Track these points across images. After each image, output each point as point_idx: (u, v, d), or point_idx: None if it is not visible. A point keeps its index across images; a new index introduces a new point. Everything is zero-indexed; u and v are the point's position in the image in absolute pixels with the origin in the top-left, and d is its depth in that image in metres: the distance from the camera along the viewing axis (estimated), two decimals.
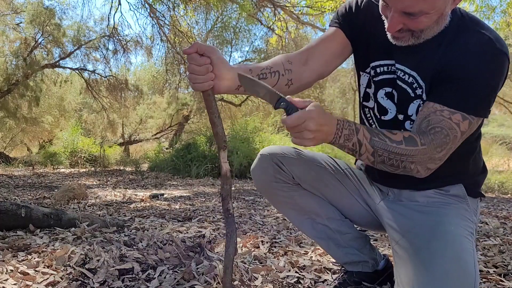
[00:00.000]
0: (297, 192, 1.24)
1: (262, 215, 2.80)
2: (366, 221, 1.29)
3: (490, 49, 0.96)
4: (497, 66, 0.96)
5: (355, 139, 0.93)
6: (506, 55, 0.97)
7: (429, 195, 1.11)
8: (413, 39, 0.99)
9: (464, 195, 1.10)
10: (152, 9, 8.09)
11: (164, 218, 2.54)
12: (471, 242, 0.97)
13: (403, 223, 1.08)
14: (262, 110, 13.06)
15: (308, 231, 1.32)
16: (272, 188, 1.25)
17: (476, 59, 0.96)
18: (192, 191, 4.50)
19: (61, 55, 10.36)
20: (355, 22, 1.14)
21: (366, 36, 1.13)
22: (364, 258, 1.31)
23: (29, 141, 14.07)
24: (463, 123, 0.96)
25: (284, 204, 1.29)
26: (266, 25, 8.68)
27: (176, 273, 1.41)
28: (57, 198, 3.25)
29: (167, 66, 10.70)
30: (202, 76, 0.88)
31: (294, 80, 1.07)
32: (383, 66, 1.11)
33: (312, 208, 1.26)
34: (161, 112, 14.93)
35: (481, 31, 0.99)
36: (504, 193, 5.60)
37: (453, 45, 1.00)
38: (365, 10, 1.13)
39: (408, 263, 0.96)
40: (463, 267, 0.89)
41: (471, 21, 1.02)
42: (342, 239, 1.28)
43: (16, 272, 1.34)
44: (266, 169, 1.23)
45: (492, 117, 23.46)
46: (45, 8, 9.39)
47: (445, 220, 1.01)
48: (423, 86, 1.04)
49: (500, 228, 2.46)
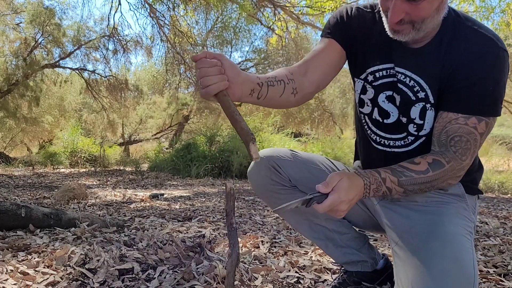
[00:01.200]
0: (294, 195, 1.23)
1: (262, 215, 2.80)
2: (364, 222, 1.29)
3: (492, 49, 0.97)
4: (501, 64, 0.97)
5: (383, 188, 0.97)
6: (506, 52, 0.98)
7: (427, 194, 1.10)
8: (414, 32, 0.98)
9: (463, 194, 1.10)
10: (152, 9, 8.09)
11: (164, 218, 2.54)
12: (470, 241, 0.97)
13: (402, 223, 1.08)
14: (262, 110, 13.07)
15: (306, 232, 1.32)
16: (269, 190, 1.25)
17: (480, 61, 0.97)
18: (192, 191, 4.50)
19: (61, 55, 10.36)
20: (348, 31, 1.14)
21: (360, 43, 1.13)
22: (363, 257, 1.31)
23: (29, 141, 14.07)
24: (480, 125, 0.98)
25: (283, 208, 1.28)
26: (266, 25, 8.68)
27: (176, 273, 1.41)
28: (57, 198, 3.25)
29: (167, 66, 10.70)
30: (216, 75, 0.84)
31: (298, 89, 1.06)
32: (382, 71, 1.11)
33: (309, 210, 1.25)
34: (161, 112, 14.93)
35: (479, 30, 1.00)
36: (504, 193, 5.60)
37: (454, 44, 1.01)
38: (356, 18, 1.14)
39: (407, 263, 0.96)
40: (462, 266, 0.89)
41: (466, 20, 1.03)
42: (340, 239, 1.28)
43: (16, 272, 1.34)
44: (263, 172, 1.23)
45: None
46: (45, 8, 9.39)
47: (444, 220, 1.01)
48: (427, 89, 1.04)
49: (500, 228, 2.46)
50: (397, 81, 1.08)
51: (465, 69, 0.98)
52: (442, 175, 0.98)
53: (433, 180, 0.98)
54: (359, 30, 1.13)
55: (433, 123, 1.06)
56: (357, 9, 1.15)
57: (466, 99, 0.98)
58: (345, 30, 1.14)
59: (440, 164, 0.98)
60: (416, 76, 1.05)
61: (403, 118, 1.10)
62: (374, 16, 1.14)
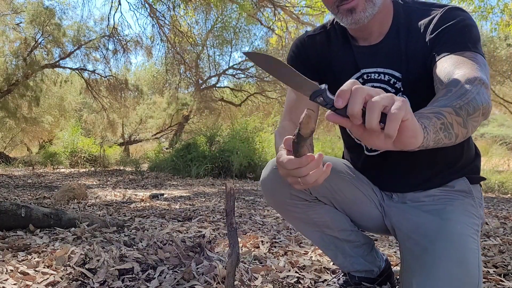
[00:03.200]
0: (312, 209, 1.17)
1: (262, 215, 2.80)
2: (378, 225, 1.23)
3: (451, 7, 0.99)
4: (465, 13, 0.98)
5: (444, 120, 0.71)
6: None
7: (433, 193, 1.09)
8: (367, 4, 0.97)
9: (469, 190, 1.09)
10: (152, 9, 8.10)
11: (164, 218, 2.54)
12: (476, 242, 0.97)
13: (410, 223, 1.06)
14: (262, 110, 13.07)
15: (316, 241, 1.28)
16: (286, 204, 1.17)
17: (446, 16, 0.97)
18: (192, 191, 4.50)
19: (61, 55, 10.37)
20: (308, 62, 1.15)
21: (325, 66, 1.14)
22: (370, 267, 1.29)
23: (29, 141, 14.08)
24: (477, 57, 0.90)
25: (297, 220, 1.23)
26: (266, 25, 8.68)
27: (176, 273, 1.41)
28: (57, 198, 3.25)
29: (167, 66, 10.72)
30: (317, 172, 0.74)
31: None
32: (358, 79, 1.12)
33: (324, 222, 1.21)
34: (161, 112, 14.94)
35: (433, 9, 1.01)
36: (504, 193, 5.60)
37: (411, 29, 1.02)
38: (311, 46, 1.16)
39: (413, 264, 0.96)
40: (467, 269, 0.89)
41: (418, 4, 1.05)
42: (349, 248, 1.26)
43: (16, 272, 1.34)
44: (280, 184, 1.12)
45: (492, 117, 23.46)
46: (45, 8, 9.40)
47: (451, 218, 1.00)
48: (400, 76, 1.04)
49: (500, 228, 2.46)
50: (373, 81, 1.08)
51: (436, 28, 0.98)
52: (472, 88, 0.79)
53: (468, 94, 0.77)
54: (318, 56, 1.14)
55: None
56: (308, 37, 1.17)
57: (450, 41, 0.94)
58: (305, 63, 1.15)
59: (458, 81, 0.82)
60: (387, 70, 1.05)
61: None
62: (328, 34, 1.15)
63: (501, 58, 11.89)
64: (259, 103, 14.24)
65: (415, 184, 1.11)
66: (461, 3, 6.86)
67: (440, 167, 1.10)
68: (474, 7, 6.89)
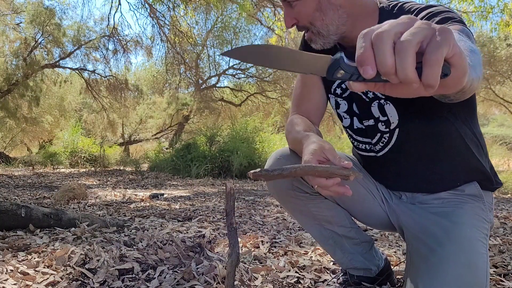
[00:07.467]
0: (313, 203, 1.19)
1: (262, 215, 2.80)
2: (382, 222, 1.24)
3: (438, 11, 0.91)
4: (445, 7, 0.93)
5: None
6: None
7: (443, 196, 1.08)
8: (317, 37, 1.00)
9: (480, 194, 1.07)
10: (152, 9, 8.10)
11: (164, 218, 2.54)
12: (485, 246, 0.96)
13: (419, 223, 1.06)
14: (262, 110, 13.08)
15: (315, 235, 1.29)
16: (288, 195, 1.19)
17: (428, 11, 0.92)
18: (192, 191, 4.50)
19: (61, 55, 10.37)
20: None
21: None
22: (368, 265, 1.29)
23: (29, 141, 14.08)
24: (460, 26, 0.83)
25: (297, 211, 1.25)
26: (266, 25, 8.68)
27: (176, 273, 1.41)
28: (57, 198, 3.25)
29: (167, 66, 10.72)
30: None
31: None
32: (340, 86, 1.15)
33: (324, 217, 1.22)
34: (161, 112, 14.94)
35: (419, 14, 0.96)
36: (504, 193, 5.60)
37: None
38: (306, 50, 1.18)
39: (420, 265, 0.95)
40: (475, 273, 0.89)
41: (405, 12, 0.99)
42: (348, 244, 1.26)
43: (16, 272, 1.34)
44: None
45: (492, 117, 23.46)
46: (45, 8, 9.40)
47: (461, 221, 0.99)
48: None
49: (500, 228, 2.46)
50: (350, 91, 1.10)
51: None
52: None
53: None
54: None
55: (396, 114, 1.04)
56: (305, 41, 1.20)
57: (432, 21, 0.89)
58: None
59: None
60: None
61: (370, 121, 1.10)
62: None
63: (501, 58, 11.89)
64: (259, 103, 14.24)
65: (424, 186, 1.10)
66: (461, 3, 6.86)
67: (450, 169, 1.08)
68: (474, 7, 6.89)
